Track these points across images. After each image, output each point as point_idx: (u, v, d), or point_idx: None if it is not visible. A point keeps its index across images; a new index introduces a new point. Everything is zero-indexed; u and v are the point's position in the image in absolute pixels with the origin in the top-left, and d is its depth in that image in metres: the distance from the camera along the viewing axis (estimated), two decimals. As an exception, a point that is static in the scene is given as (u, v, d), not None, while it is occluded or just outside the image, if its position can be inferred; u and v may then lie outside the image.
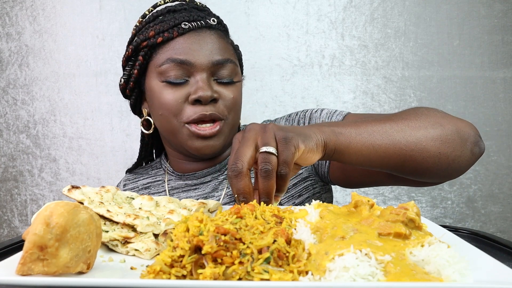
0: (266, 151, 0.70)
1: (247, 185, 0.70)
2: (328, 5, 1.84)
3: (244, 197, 0.70)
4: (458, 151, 0.84)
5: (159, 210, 0.80)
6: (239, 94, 1.08)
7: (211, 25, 1.06)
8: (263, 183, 0.69)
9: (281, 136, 0.71)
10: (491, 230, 1.82)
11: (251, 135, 0.73)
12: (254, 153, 0.71)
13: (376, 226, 0.61)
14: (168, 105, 1.01)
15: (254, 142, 0.72)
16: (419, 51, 1.82)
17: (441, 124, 0.84)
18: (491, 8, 1.79)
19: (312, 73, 1.85)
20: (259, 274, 0.51)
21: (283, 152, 0.70)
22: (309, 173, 1.11)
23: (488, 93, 1.81)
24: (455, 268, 0.52)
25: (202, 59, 1.01)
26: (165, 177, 1.18)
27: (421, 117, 0.85)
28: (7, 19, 1.93)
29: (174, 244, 0.56)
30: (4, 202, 1.99)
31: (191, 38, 1.02)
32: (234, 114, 1.06)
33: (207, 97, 0.98)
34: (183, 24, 1.02)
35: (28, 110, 1.95)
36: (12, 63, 1.94)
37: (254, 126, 0.75)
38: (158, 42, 1.02)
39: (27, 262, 0.51)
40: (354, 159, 0.80)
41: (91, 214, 0.57)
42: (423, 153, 0.82)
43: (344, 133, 0.78)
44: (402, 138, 0.81)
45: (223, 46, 1.06)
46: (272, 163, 0.69)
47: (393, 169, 0.85)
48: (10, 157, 1.97)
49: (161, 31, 1.02)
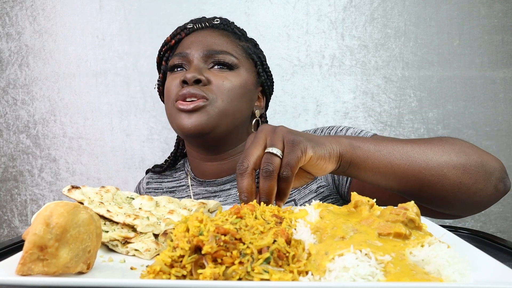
0: (271, 152, 0.70)
1: (249, 184, 0.70)
2: (328, 5, 1.84)
3: (245, 196, 0.70)
4: (481, 184, 0.80)
5: (159, 210, 0.80)
6: (233, 84, 1.10)
7: (214, 25, 1.19)
8: (263, 183, 0.69)
9: (289, 139, 0.71)
10: (491, 230, 1.82)
11: (261, 136, 0.74)
12: (262, 153, 0.71)
13: (376, 226, 0.61)
14: (167, 91, 1.13)
15: (263, 143, 0.73)
16: (419, 51, 1.82)
17: (466, 153, 0.81)
18: (491, 8, 1.79)
19: (312, 73, 1.85)
20: (259, 274, 0.51)
21: (288, 154, 0.69)
22: (330, 191, 1.11)
23: (488, 93, 1.81)
24: (455, 268, 0.52)
25: (195, 49, 1.12)
26: (188, 181, 1.23)
27: (445, 144, 0.82)
28: (7, 19, 1.93)
29: (174, 244, 0.56)
30: (4, 202, 1.99)
31: (194, 36, 1.16)
32: (224, 99, 1.08)
33: (189, 78, 1.05)
34: (188, 25, 1.19)
35: (28, 110, 1.95)
36: (12, 63, 1.94)
37: (266, 127, 0.76)
38: (172, 44, 1.20)
39: (27, 262, 0.51)
40: (371, 176, 0.79)
41: (91, 214, 0.57)
42: (443, 180, 0.79)
43: (362, 147, 0.77)
44: (423, 161, 0.78)
45: (222, 41, 1.14)
46: (274, 164, 0.69)
47: (410, 193, 0.82)
48: (10, 157, 1.97)
49: (174, 35, 1.20)
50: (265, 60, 1.24)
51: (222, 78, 1.09)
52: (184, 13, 1.81)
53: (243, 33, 1.24)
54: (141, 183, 1.33)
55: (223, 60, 1.10)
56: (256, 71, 1.19)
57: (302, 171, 0.78)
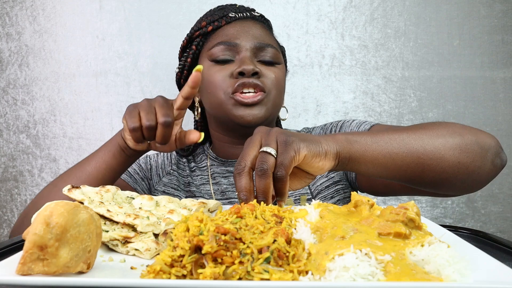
0: (265, 151, 0.71)
1: (247, 183, 0.71)
2: (328, 5, 1.84)
3: (244, 195, 0.71)
4: (478, 162, 0.82)
5: (159, 210, 0.80)
6: (281, 77, 1.15)
7: (255, 17, 1.20)
8: (258, 182, 0.70)
9: (282, 139, 0.72)
10: (491, 230, 1.82)
11: (257, 137, 0.75)
12: (258, 153, 0.73)
13: (376, 226, 0.61)
14: (215, 81, 1.10)
15: (259, 144, 0.74)
16: (419, 51, 1.82)
17: (460, 133, 0.83)
18: (491, 8, 1.79)
19: (312, 73, 1.85)
20: (259, 274, 0.51)
21: (281, 154, 0.71)
22: (340, 177, 1.17)
23: (488, 93, 1.81)
24: (455, 268, 0.52)
25: (246, 40, 1.12)
26: (208, 162, 1.25)
27: (439, 127, 0.84)
28: (7, 19, 1.93)
29: (174, 244, 0.56)
30: (4, 202, 1.99)
31: (237, 25, 1.15)
32: (276, 91, 1.12)
33: (249, 70, 1.06)
34: (230, 13, 1.17)
35: (28, 110, 1.95)
36: (12, 63, 1.94)
37: (261, 129, 0.78)
38: (209, 30, 1.16)
39: (27, 262, 0.51)
40: (371, 168, 0.80)
41: (91, 214, 0.57)
42: (442, 163, 0.80)
43: (359, 141, 0.78)
44: (420, 146, 0.80)
45: (266, 34, 1.17)
46: (268, 163, 0.70)
47: (411, 180, 0.84)
48: (10, 157, 1.97)
49: (211, 21, 1.16)
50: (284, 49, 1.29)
51: (272, 71, 1.12)
52: (184, 13, 1.81)
53: (270, 24, 1.28)
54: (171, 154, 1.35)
55: (270, 54, 1.13)
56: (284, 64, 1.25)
57: (302, 172, 0.79)
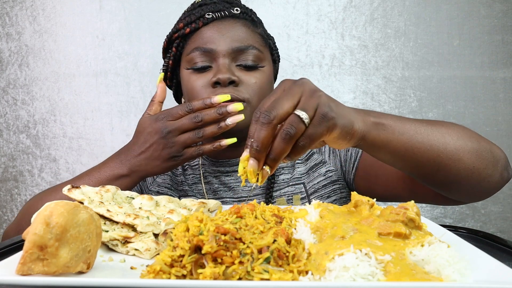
0: (300, 116, 0.64)
1: (267, 137, 0.64)
2: (328, 5, 1.84)
3: (258, 146, 0.64)
4: (490, 170, 0.82)
5: (159, 210, 0.80)
6: (263, 80, 1.08)
7: (234, 14, 1.10)
8: (278, 144, 0.64)
9: (322, 111, 0.66)
10: (491, 230, 1.82)
11: (298, 91, 0.67)
12: (291, 110, 0.66)
13: (376, 225, 0.61)
14: (193, 91, 1.06)
15: (297, 100, 0.66)
16: (419, 51, 1.82)
17: (477, 139, 0.83)
18: (491, 8, 1.79)
19: (312, 73, 1.85)
20: (259, 274, 0.51)
21: (313, 126, 0.65)
22: (338, 177, 1.13)
23: (488, 93, 1.81)
24: (455, 268, 0.52)
25: (222, 45, 1.04)
26: (200, 160, 1.21)
27: (458, 129, 0.83)
28: (7, 19, 1.93)
29: (174, 244, 0.56)
30: (4, 202, 1.99)
31: (214, 27, 1.07)
32: (258, 99, 1.06)
33: (224, 79, 1.00)
34: (207, 14, 1.09)
35: (28, 110, 1.95)
36: (12, 63, 1.94)
37: (307, 84, 0.69)
38: (186, 32, 1.09)
39: (27, 262, 0.51)
40: (388, 158, 0.79)
41: (91, 214, 0.57)
42: (459, 164, 0.79)
43: (388, 129, 0.75)
44: (442, 144, 0.79)
45: (246, 33, 1.08)
46: (297, 130, 0.64)
47: (424, 176, 0.83)
48: (10, 157, 1.97)
49: (189, 22, 1.09)
50: (274, 40, 1.22)
51: (251, 76, 1.06)
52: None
53: (258, 18, 1.19)
54: None
55: (251, 57, 1.06)
56: (272, 58, 1.17)
57: None
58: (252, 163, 0.64)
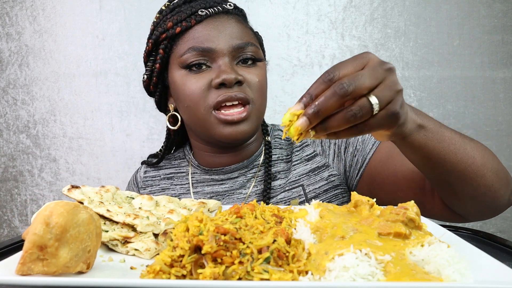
0: (373, 104, 0.61)
1: (332, 108, 0.60)
2: (328, 5, 1.84)
3: (319, 111, 0.60)
4: (503, 191, 0.82)
5: (159, 210, 0.80)
6: (264, 77, 1.05)
7: (228, 10, 1.04)
8: (338, 120, 0.61)
9: (393, 109, 0.63)
10: (491, 230, 1.82)
11: (381, 76, 0.63)
12: (367, 92, 0.62)
13: (376, 226, 0.61)
14: (193, 94, 0.99)
15: (377, 83, 0.62)
16: (419, 51, 1.82)
17: (497, 160, 0.84)
18: (491, 8, 1.79)
19: (312, 73, 1.85)
20: (259, 274, 0.51)
21: (378, 120, 0.63)
22: (340, 181, 1.10)
23: (488, 93, 1.81)
24: (455, 268, 0.52)
25: (222, 44, 0.99)
26: (189, 169, 1.16)
27: (482, 146, 0.83)
28: (7, 19, 1.93)
29: (174, 244, 0.56)
30: (4, 202, 1.99)
31: (210, 24, 1.01)
32: (261, 98, 1.03)
33: (231, 79, 0.96)
34: (199, 11, 1.01)
35: (28, 110, 1.95)
36: (12, 63, 1.94)
37: (392, 74, 0.65)
38: (177, 32, 1.01)
39: (27, 262, 0.51)
40: (417, 160, 0.78)
41: (91, 214, 0.57)
42: (481, 180, 0.79)
43: (427, 134, 0.74)
44: (470, 158, 0.78)
45: (242, 30, 1.04)
46: (363, 117, 0.62)
47: (443, 184, 0.82)
48: (10, 157, 1.97)
49: (178, 21, 1.01)
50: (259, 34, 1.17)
51: (254, 74, 1.02)
52: (184, 13, 1.81)
53: (244, 13, 1.14)
54: (138, 172, 1.26)
55: (250, 53, 1.02)
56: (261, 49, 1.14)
57: None
58: (303, 122, 0.60)
